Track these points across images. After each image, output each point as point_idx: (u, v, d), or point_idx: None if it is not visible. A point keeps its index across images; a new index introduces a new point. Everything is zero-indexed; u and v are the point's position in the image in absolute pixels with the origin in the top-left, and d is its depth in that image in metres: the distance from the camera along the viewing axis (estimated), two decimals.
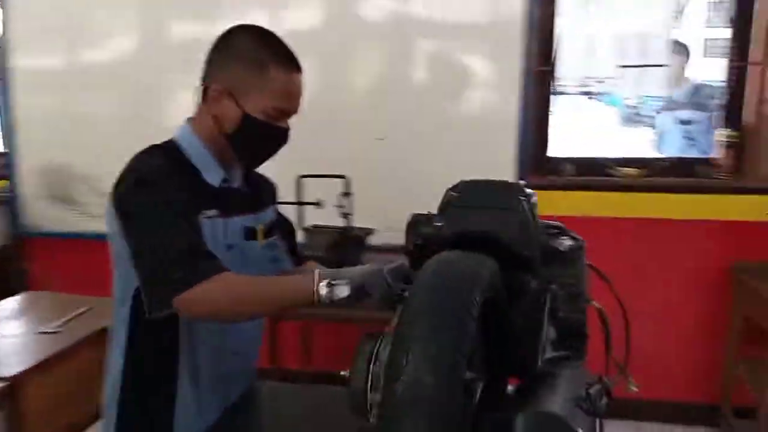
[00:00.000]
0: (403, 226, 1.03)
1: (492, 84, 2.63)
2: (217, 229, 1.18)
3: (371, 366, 0.92)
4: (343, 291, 1.03)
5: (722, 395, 2.60)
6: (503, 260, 0.87)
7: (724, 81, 2.60)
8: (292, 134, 1.25)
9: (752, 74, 2.54)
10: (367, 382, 0.91)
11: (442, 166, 2.70)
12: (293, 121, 1.25)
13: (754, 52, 2.51)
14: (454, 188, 1.02)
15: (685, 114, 3.16)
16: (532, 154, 2.69)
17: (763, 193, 2.52)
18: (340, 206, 2.30)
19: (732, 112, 2.59)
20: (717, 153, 2.63)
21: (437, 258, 0.81)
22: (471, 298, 0.73)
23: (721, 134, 2.60)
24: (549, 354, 0.96)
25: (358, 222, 2.42)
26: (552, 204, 2.68)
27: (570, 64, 2.70)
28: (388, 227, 2.68)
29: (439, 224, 0.98)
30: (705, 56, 2.96)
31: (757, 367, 2.39)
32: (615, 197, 2.67)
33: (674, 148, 3.12)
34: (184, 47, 2.71)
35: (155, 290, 1.05)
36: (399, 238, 1.00)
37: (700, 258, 2.58)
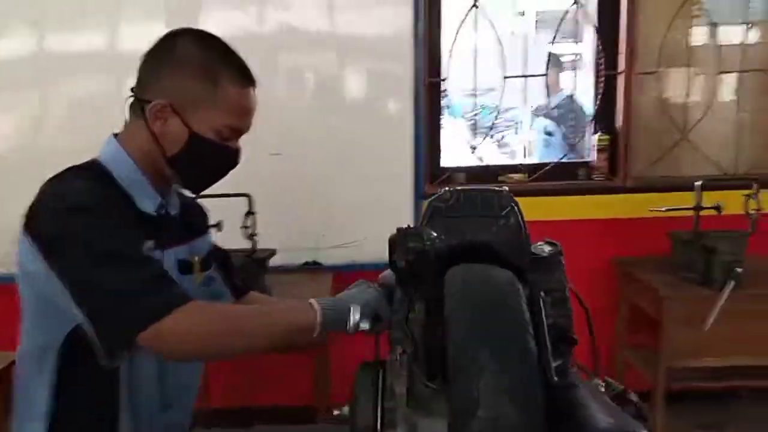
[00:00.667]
0: (305, 244, 0.97)
1: (385, 96, 2.62)
2: None
3: (379, 400, 0.83)
4: (365, 323, 0.95)
5: (615, 380, 2.77)
6: None
7: (595, 90, 2.80)
8: None
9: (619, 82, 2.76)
10: (376, 419, 0.82)
11: (340, 180, 2.66)
12: None
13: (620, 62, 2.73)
14: (440, 199, 0.95)
15: (550, 123, 3.38)
16: (425, 165, 2.71)
17: (635, 192, 2.75)
18: (245, 227, 2.14)
19: (605, 118, 2.79)
20: (594, 157, 2.82)
21: (465, 273, 0.73)
22: (524, 316, 0.67)
23: (596, 139, 2.79)
24: (554, 363, 0.94)
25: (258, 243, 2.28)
26: None
27: (459, 75, 2.76)
28: (288, 247, 2.58)
29: (434, 236, 0.91)
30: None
31: (644, 352, 2.58)
32: None
33: (541, 154, 3.33)
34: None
35: (115, 328, 0.89)
36: (299, 258, 0.96)
37: (587, 254, 2.75)
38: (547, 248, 1.01)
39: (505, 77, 2.69)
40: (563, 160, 2.81)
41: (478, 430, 0.57)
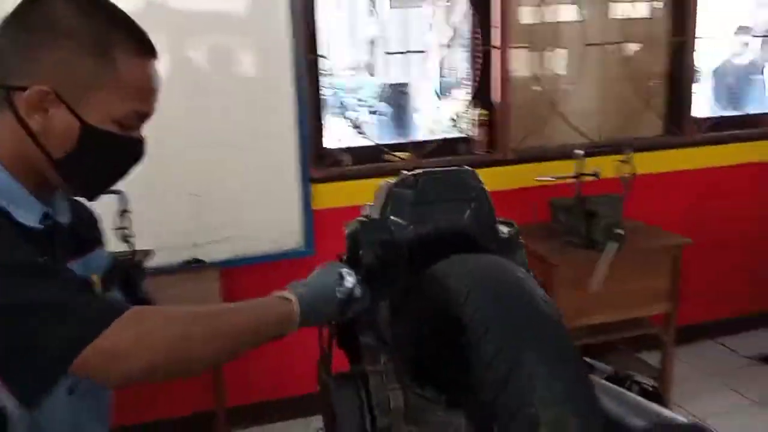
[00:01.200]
0: (184, 241, 0.84)
1: (263, 76, 2.44)
2: None
3: (365, 412, 0.73)
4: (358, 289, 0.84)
5: None
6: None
7: (472, 65, 2.82)
8: None
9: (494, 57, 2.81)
10: None
11: (218, 168, 2.46)
12: None
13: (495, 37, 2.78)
14: (401, 184, 0.86)
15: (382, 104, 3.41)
16: (310, 147, 2.59)
17: (515, 164, 2.83)
18: (121, 228, 1.89)
19: (482, 93, 2.83)
20: (474, 132, 2.85)
21: (477, 267, 0.65)
22: (555, 310, 0.60)
23: (475, 114, 2.83)
24: None
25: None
26: (334, 196, 2.63)
27: (339, 52, 2.64)
28: (163, 246, 2.35)
29: (403, 226, 0.82)
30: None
31: None
32: None
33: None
34: None
35: (36, 362, 0.70)
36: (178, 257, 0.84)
37: None
38: (505, 228, 0.96)
39: (387, 53, 2.63)
40: (446, 136, 2.82)
41: None
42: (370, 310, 0.86)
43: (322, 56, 2.60)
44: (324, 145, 2.72)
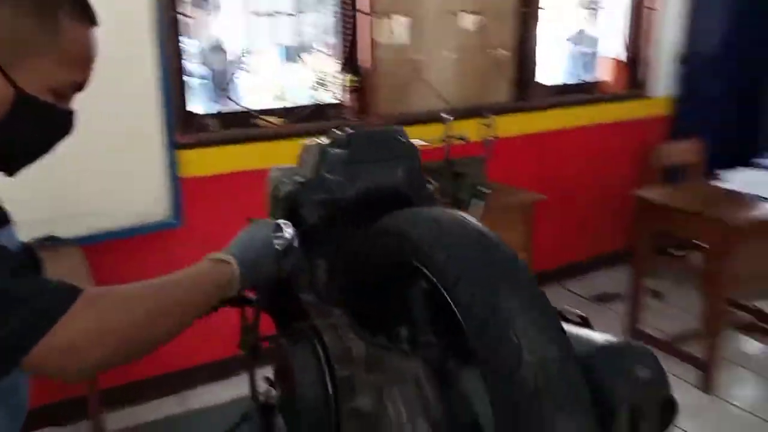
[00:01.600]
0: (37, 216, 0.81)
1: (120, 36, 2.25)
2: None
3: (323, 365, 0.74)
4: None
5: None
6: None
7: (343, 31, 2.82)
8: None
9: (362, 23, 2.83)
10: (327, 392, 0.74)
11: (74, 137, 2.25)
12: None
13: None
14: (334, 144, 0.87)
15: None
16: (175, 111, 2.45)
17: None
18: None
19: (351, 59, 2.85)
20: (344, 97, 2.87)
21: (437, 219, 0.68)
22: (515, 254, 0.65)
23: (345, 80, 2.84)
24: None
25: None
26: (202, 163, 2.53)
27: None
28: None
29: (344, 185, 0.83)
30: None
31: None
32: (263, 147, 2.67)
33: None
34: None
35: None
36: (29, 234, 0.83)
37: None
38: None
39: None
40: (318, 102, 2.80)
41: (533, 374, 0.55)
42: (309, 269, 0.86)
43: (183, 14, 2.46)
44: (188, 109, 2.59)
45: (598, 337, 0.68)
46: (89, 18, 0.79)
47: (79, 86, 0.81)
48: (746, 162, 3.84)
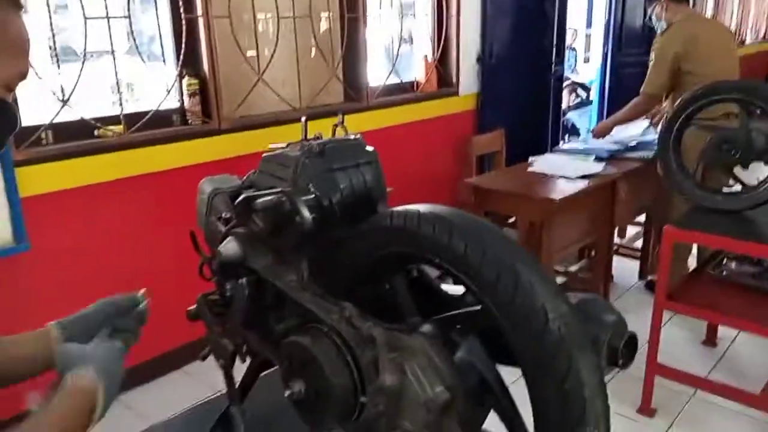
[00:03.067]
0: None
1: None
2: None
3: (345, 353, 0.83)
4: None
5: None
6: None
7: (176, 33, 2.74)
8: None
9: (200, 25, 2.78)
10: (354, 380, 0.83)
11: None
12: None
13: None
14: (309, 154, 0.94)
15: None
16: None
17: (230, 132, 2.89)
18: None
19: (192, 61, 2.79)
20: (186, 102, 2.80)
21: (440, 213, 0.81)
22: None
23: (186, 83, 2.78)
24: None
25: None
26: (42, 181, 2.32)
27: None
28: None
29: (332, 190, 0.91)
30: None
31: None
32: (108, 159, 2.52)
33: None
34: None
35: None
36: None
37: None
38: None
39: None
40: (159, 108, 2.70)
41: (557, 328, 0.70)
42: (298, 271, 0.93)
43: None
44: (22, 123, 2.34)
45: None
46: (20, 4, 0.75)
47: (24, 75, 0.77)
48: (541, 147, 4.49)
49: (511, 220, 3.75)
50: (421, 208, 0.84)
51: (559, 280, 3.45)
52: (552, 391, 0.71)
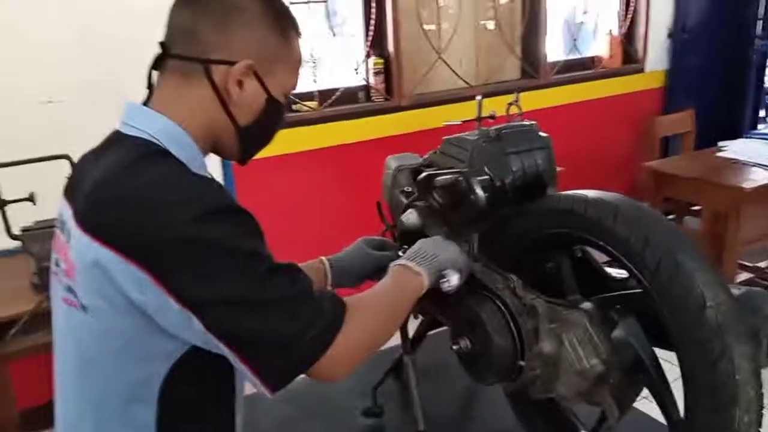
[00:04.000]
0: None
1: None
2: None
3: (509, 320, 0.93)
4: (454, 279, 0.98)
5: None
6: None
7: (366, 16, 2.95)
8: None
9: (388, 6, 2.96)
10: (515, 342, 0.93)
11: None
12: None
13: None
14: (486, 138, 1.04)
15: None
16: None
17: (410, 109, 3.06)
18: None
19: (378, 42, 2.99)
20: (371, 80, 3.02)
21: (604, 197, 0.87)
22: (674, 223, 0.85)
23: (372, 62, 2.98)
24: None
25: None
26: None
27: None
28: None
29: (510, 171, 1.00)
30: None
31: None
32: (306, 130, 2.82)
33: None
34: None
35: (276, 364, 0.76)
36: None
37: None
38: None
39: None
40: (348, 85, 2.94)
41: (714, 315, 0.74)
42: (470, 244, 1.05)
43: None
44: None
45: (733, 289, 0.88)
46: (299, 30, 0.92)
47: (295, 87, 0.95)
48: (736, 130, 4.11)
49: (696, 208, 3.54)
50: (589, 193, 0.91)
51: (745, 275, 3.20)
52: (704, 374, 0.75)
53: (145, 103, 0.86)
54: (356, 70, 2.93)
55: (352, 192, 2.89)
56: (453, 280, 0.97)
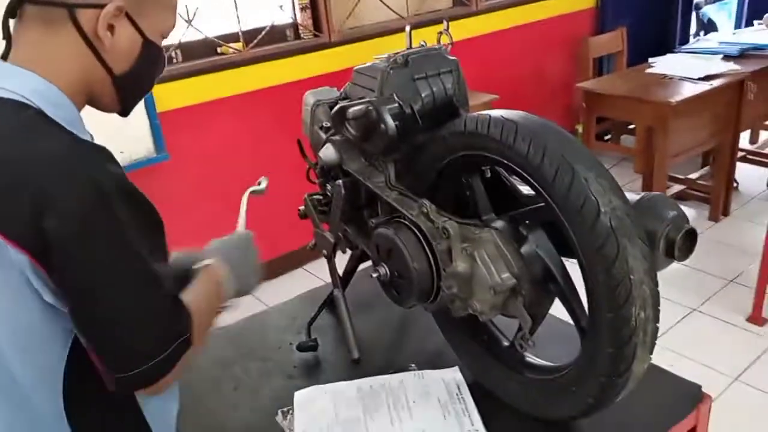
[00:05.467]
0: None
1: None
2: None
3: (422, 242, 0.95)
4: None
5: None
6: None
7: None
8: None
9: None
10: (430, 264, 0.95)
11: None
12: None
13: None
14: (394, 65, 1.02)
15: None
16: None
17: (340, 45, 3.00)
18: None
19: None
20: (298, 16, 2.93)
21: (507, 116, 0.88)
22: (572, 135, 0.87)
23: None
24: None
25: None
26: (175, 97, 2.58)
27: None
28: None
29: (414, 97, 1.00)
30: None
31: None
32: (230, 75, 2.74)
33: None
34: None
35: (123, 375, 0.76)
36: None
37: None
38: None
39: None
40: (274, 23, 2.85)
41: (608, 220, 0.77)
42: (385, 172, 1.05)
43: None
44: None
45: (631, 194, 0.92)
46: None
47: (173, 27, 0.90)
48: (667, 47, 4.18)
49: (632, 127, 3.62)
50: (494, 113, 0.91)
51: (677, 187, 3.33)
52: (601, 276, 0.78)
53: (4, 57, 0.80)
54: (281, 6, 2.83)
55: (284, 135, 2.84)
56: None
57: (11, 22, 0.80)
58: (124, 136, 2.41)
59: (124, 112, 0.90)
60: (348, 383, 1.09)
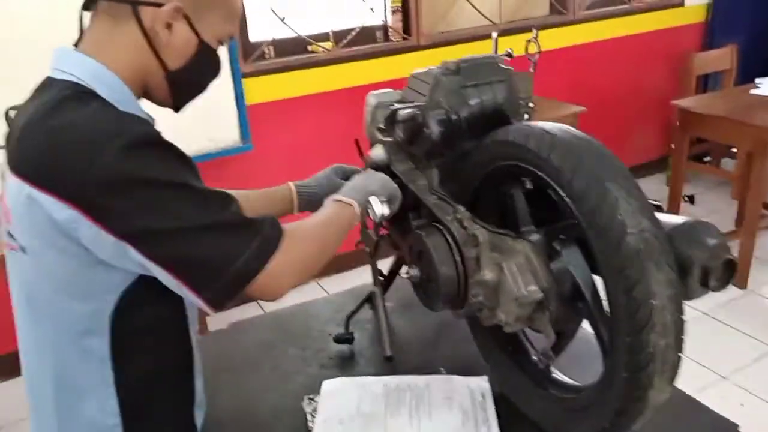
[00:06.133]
0: None
1: None
2: None
3: (453, 249, 0.96)
4: (386, 209, 1.03)
5: None
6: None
7: None
8: None
9: None
10: (458, 269, 0.95)
11: None
12: None
13: None
14: (446, 72, 1.04)
15: None
16: (237, 41, 2.60)
17: (428, 48, 3.02)
18: None
19: None
20: (389, 19, 2.98)
21: (547, 130, 0.87)
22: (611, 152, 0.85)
23: (390, 1, 2.94)
24: None
25: None
26: (262, 91, 2.70)
27: None
28: None
29: (464, 104, 1.01)
30: None
31: None
32: (318, 73, 2.82)
33: None
34: None
35: (213, 283, 0.80)
36: None
37: None
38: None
39: None
40: (364, 24, 2.91)
41: (635, 242, 0.75)
42: (428, 177, 1.07)
43: None
44: (250, 39, 2.73)
45: (674, 218, 0.88)
46: None
47: (232, 37, 0.96)
48: None
49: (735, 150, 3.41)
50: (536, 124, 0.91)
51: None
52: (622, 299, 0.76)
53: (76, 46, 0.88)
54: (372, 9, 2.89)
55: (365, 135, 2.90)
56: (377, 208, 1.01)
57: (86, 15, 0.88)
58: (212, 125, 2.56)
59: (176, 107, 0.96)
60: (376, 379, 1.11)
